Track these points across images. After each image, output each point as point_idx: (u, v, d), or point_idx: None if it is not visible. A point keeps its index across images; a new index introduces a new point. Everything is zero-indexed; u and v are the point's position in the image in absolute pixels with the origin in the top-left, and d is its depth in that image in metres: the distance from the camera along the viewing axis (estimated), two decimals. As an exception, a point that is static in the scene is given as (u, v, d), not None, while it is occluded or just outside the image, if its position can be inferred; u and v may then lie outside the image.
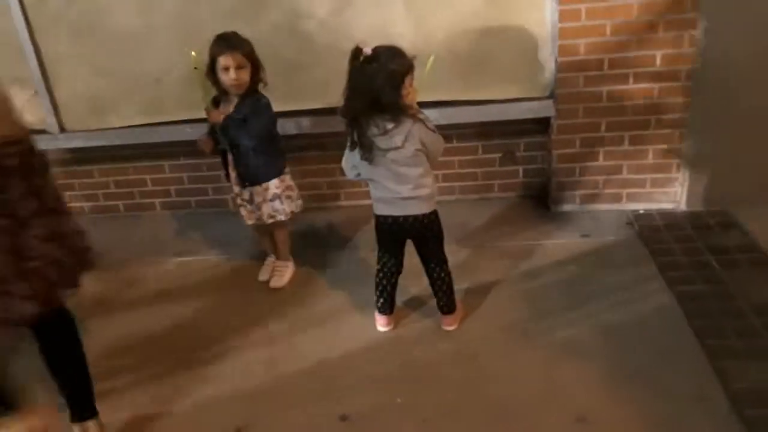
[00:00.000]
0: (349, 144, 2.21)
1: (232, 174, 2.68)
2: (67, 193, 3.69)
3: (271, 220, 2.71)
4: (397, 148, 2.10)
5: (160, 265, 3.08)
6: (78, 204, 3.72)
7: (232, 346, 2.43)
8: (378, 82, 2.02)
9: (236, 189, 2.71)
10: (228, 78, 2.47)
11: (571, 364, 2.15)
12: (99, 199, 3.72)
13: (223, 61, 2.45)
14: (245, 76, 2.49)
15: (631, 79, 2.87)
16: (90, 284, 1.92)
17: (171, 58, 3.09)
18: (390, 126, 2.08)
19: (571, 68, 2.89)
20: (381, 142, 2.10)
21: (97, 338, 2.38)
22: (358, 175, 2.25)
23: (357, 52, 2.06)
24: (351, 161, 2.23)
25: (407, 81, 2.07)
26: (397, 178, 2.15)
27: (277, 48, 2.98)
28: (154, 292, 2.87)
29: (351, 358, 2.30)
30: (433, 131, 2.16)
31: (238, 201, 2.74)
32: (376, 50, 2.04)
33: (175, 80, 3.14)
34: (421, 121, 2.13)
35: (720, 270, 2.55)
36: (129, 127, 3.33)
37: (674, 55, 2.80)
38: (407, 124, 2.09)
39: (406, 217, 2.21)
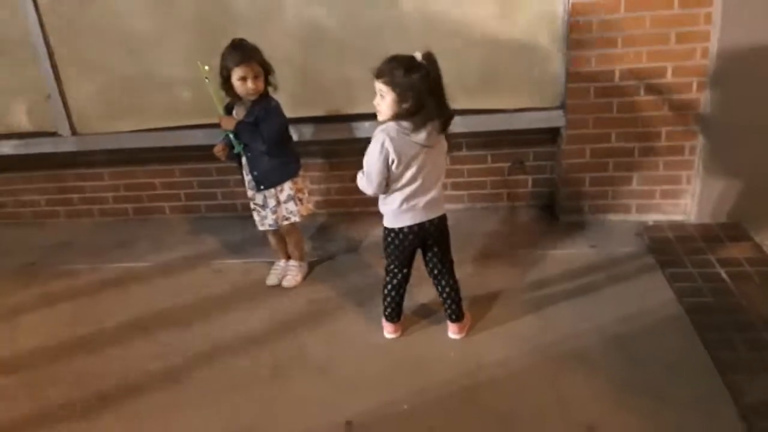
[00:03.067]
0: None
1: (246, 178, 2.71)
2: (77, 195, 3.72)
3: (285, 222, 2.75)
4: (432, 146, 2.11)
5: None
6: (87, 207, 3.74)
7: (237, 349, 2.44)
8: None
9: (250, 193, 2.73)
10: (246, 88, 2.50)
11: (580, 374, 2.13)
12: (108, 202, 3.73)
13: (240, 72, 2.47)
14: (261, 84, 2.53)
15: (642, 91, 2.87)
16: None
17: (184, 62, 3.11)
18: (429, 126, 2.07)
19: (582, 79, 2.90)
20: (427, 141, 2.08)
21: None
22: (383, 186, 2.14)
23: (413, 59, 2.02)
24: (383, 173, 2.09)
25: None
26: (434, 179, 2.16)
27: (290, 53, 3.01)
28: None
29: (358, 363, 2.30)
30: None
31: (251, 205, 2.76)
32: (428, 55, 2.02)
33: (187, 84, 3.17)
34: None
35: (730, 282, 2.54)
36: (140, 131, 3.35)
37: (686, 68, 2.80)
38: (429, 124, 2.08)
39: (431, 221, 2.20)
